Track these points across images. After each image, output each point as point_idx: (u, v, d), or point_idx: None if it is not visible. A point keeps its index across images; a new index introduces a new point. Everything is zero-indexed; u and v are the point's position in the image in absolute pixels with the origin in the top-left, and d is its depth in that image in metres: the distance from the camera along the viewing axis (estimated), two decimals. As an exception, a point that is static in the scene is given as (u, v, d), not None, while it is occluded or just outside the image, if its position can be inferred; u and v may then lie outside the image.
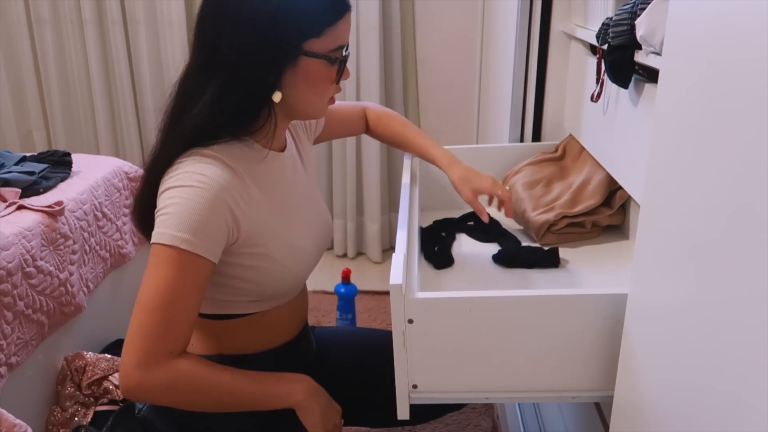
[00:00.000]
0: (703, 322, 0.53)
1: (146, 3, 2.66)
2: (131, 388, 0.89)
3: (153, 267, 0.89)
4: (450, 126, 2.66)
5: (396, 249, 0.90)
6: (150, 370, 0.88)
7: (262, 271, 1.00)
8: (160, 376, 0.89)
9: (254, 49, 0.90)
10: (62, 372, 1.55)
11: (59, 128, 2.88)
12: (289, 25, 0.89)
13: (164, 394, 0.91)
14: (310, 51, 0.91)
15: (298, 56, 0.91)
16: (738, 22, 0.48)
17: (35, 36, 2.77)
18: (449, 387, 0.89)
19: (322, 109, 1.02)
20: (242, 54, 0.90)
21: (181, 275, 0.88)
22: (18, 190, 1.57)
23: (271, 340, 1.10)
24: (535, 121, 1.54)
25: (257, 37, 0.89)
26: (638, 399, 0.70)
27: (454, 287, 1.08)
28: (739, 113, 0.48)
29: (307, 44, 0.91)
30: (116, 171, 1.86)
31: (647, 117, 0.94)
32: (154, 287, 0.88)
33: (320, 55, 0.92)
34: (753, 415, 0.45)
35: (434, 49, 2.56)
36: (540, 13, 1.44)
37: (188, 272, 0.88)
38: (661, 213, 0.63)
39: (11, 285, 1.33)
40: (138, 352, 0.88)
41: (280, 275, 1.03)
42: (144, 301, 0.89)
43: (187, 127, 0.93)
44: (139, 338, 0.89)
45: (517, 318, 0.83)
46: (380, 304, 2.37)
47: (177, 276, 0.88)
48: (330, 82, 0.97)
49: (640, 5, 0.87)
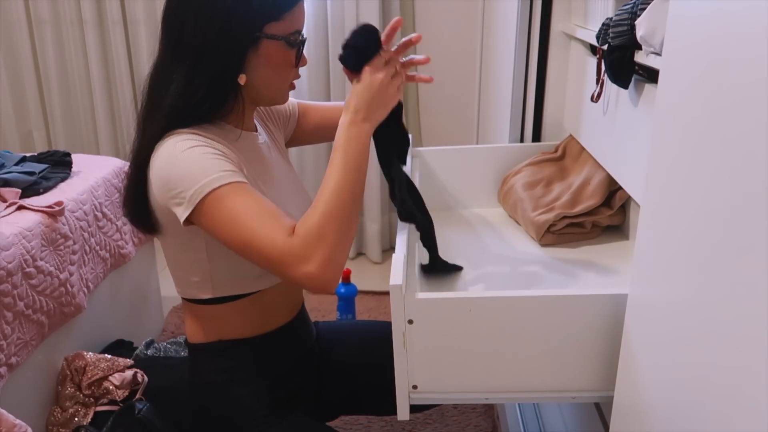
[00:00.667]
0: (703, 322, 0.53)
1: (146, 3, 2.66)
2: (319, 281, 0.87)
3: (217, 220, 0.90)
4: (450, 126, 2.66)
5: (396, 249, 0.91)
6: (301, 260, 0.86)
7: None
8: (310, 250, 0.87)
9: (218, 32, 0.94)
10: (62, 372, 1.55)
11: (59, 128, 2.88)
12: (251, 9, 0.94)
13: (330, 249, 0.88)
14: (270, 33, 0.96)
15: (259, 39, 0.96)
16: (738, 22, 0.48)
17: (35, 36, 2.77)
18: (449, 387, 0.89)
19: (284, 93, 1.06)
20: (207, 38, 0.95)
21: (240, 200, 0.90)
22: (18, 191, 1.57)
23: (267, 322, 1.12)
24: (535, 122, 1.54)
25: (220, 21, 0.94)
26: (638, 399, 0.70)
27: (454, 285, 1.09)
28: (739, 113, 0.48)
29: (267, 27, 0.96)
30: (116, 171, 1.87)
31: (647, 117, 0.94)
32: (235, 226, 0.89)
33: (280, 37, 0.97)
34: (753, 415, 0.45)
35: (434, 49, 2.56)
36: (540, 13, 1.44)
37: (241, 195, 0.90)
38: (661, 213, 0.63)
39: (11, 285, 1.33)
40: (282, 264, 0.87)
41: None
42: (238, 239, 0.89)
43: (162, 112, 0.97)
44: (270, 254, 0.87)
45: (517, 318, 0.83)
46: (380, 304, 2.37)
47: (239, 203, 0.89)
48: (290, 66, 1.01)
49: (640, 5, 0.87)
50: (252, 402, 1.08)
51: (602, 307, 0.82)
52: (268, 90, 1.02)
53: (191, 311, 1.11)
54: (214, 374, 1.10)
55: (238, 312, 1.08)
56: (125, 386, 1.51)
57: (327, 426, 1.13)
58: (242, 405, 1.08)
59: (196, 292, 1.07)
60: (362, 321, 1.46)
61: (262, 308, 1.10)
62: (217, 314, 1.08)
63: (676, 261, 0.59)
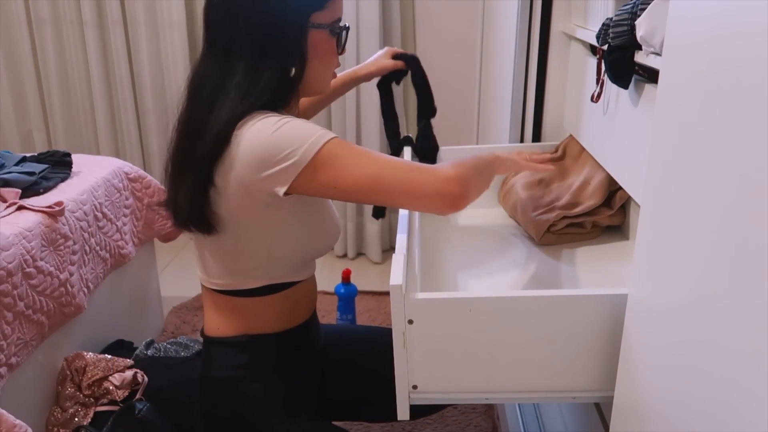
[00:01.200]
0: (703, 322, 0.53)
1: (146, 3, 2.66)
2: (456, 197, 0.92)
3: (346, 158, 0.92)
4: (450, 126, 2.65)
5: (396, 250, 0.91)
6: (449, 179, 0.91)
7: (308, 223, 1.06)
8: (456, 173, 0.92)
9: (270, 26, 0.98)
10: (62, 372, 1.55)
11: (59, 129, 2.88)
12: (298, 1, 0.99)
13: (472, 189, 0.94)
14: (316, 23, 1.00)
15: (307, 29, 1.00)
16: (738, 22, 0.48)
17: (35, 36, 2.77)
18: (449, 387, 0.89)
19: (327, 82, 1.10)
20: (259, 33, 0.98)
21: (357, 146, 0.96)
22: (18, 191, 1.57)
23: (293, 318, 1.14)
24: (535, 122, 1.54)
25: (271, 15, 0.97)
26: (638, 399, 0.70)
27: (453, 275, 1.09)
28: (739, 113, 0.48)
29: (313, 17, 1.00)
30: (116, 171, 1.86)
31: (647, 117, 0.94)
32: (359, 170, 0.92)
33: (325, 26, 1.01)
34: (752, 416, 0.45)
35: (434, 50, 2.56)
36: (540, 13, 1.44)
37: None
38: (661, 213, 0.63)
39: (11, 285, 1.33)
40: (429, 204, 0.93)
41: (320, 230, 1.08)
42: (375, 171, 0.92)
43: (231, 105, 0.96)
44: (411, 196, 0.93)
45: (518, 318, 0.83)
46: (380, 304, 2.37)
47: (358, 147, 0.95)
48: (333, 54, 1.06)
49: (641, 6, 0.87)
50: (267, 399, 1.09)
51: (602, 307, 0.82)
52: (315, 79, 1.05)
53: (221, 304, 1.11)
54: (232, 369, 1.10)
55: (272, 305, 1.10)
56: (125, 386, 1.51)
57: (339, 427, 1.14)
58: (257, 402, 1.09)
59: (243, 281, 1.07)
60: (364, 326, 1.46)
61: (293, 302, 1.12)
62: (251, 306, 1.09)
63: (677, 261, 0.59)
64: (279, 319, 1.12)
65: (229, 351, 1.11)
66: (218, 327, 1.11)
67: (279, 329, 1.12)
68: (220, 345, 1.12)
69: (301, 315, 1.16)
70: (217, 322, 1.12)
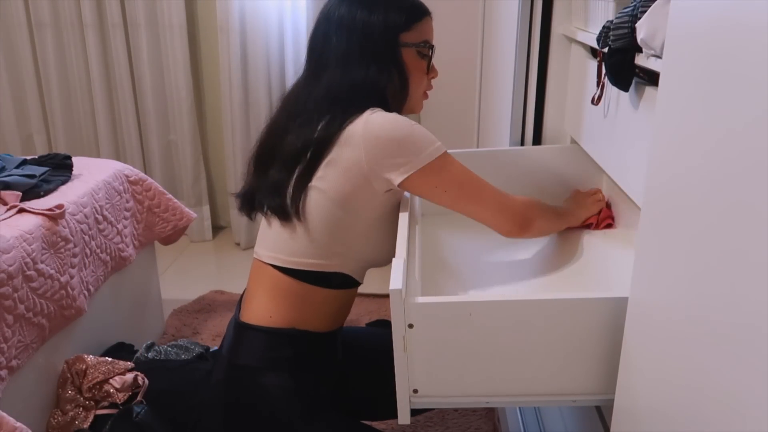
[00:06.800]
0: (703, 325, 0.53)
1: (147, 6, 2.67)
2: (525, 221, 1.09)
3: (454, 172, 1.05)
4: (450, 130, 2.65)
5: (396, 254, 0.90)
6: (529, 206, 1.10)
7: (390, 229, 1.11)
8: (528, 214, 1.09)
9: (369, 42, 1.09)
10: (63, 375, 1.54)
11: (60, 131, 2.88)
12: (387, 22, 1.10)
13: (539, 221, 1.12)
14: (403, 42, 1.11)
15: (397, 48, 1.11)
16: (739, 25, 0.48)
17: (36, 39, 2.77)
18: (450, 391, 0.89)
19: (419, 101, 1.19)
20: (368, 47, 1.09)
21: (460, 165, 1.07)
22: (19, 194, 1.57)
23: (336, 320, 1.20)
24: (536, 125, 1.54)
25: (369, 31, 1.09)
26: (639, 402, 0.70)
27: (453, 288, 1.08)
28: (739, 116, 0.47)
29: (401, 36, 1.11)
30: (117, 174, 1.87)
31: (648, 120, 0.94)
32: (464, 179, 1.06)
33: (411, 44, 1.12)
34: (753, 419, 0.45)
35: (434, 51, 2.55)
36: (540, 15, 1.43)
37: None
38: (662, 216, 0.63)
39: (12, 288, 1.33)
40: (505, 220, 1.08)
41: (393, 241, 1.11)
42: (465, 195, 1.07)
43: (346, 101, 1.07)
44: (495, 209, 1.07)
45: (518, 322, 0.83)
46: (381, 307, 2.37)
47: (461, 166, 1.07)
48: (422, 73, 1.16)
49: (641, 8, 0.87)
50: (298, 395, 1.11)
51: (603, 311, 0.81)
52: (409, 96, 1.15)
53: (283, 288, 1.12)
54: (271, 361, 1.12)
55: (329, 300, 1.14)
56: (126, 389, 1.51)
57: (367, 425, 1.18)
58: (287, 396, 1.11)
59: (323, 262, 1.11)
60: (367, 328, 1.47)
61: (341, 304, 1.18)
62: (311, 296, 1.13)
63: (677, 264, 0.59)
64: (327, 317, 1.16)
65: (273, 342, 1.13)
66: (270, 315, 1.13)
67: (322, 329, 1.16)
68: (264, 333, 1.13)
69: (340, 320, 1.21)
70: (270, 310, 1.13)
